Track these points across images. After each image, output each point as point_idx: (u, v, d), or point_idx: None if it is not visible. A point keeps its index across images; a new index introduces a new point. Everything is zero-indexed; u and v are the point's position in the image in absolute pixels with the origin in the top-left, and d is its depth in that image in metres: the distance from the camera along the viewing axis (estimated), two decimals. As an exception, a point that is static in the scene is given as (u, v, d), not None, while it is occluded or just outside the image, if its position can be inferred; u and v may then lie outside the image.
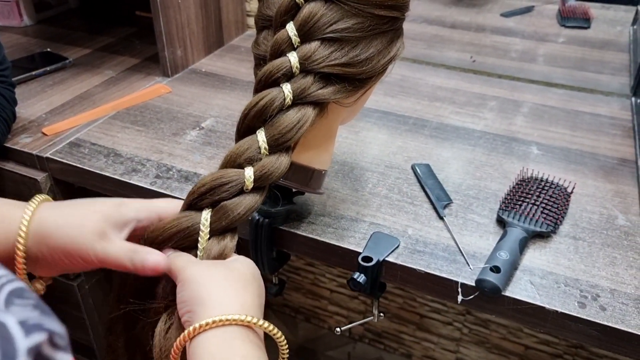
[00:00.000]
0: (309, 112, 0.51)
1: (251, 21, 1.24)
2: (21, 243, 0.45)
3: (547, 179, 0.70)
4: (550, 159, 0.80)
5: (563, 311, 0.55)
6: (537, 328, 0.57)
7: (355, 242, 0.63)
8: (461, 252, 0.61)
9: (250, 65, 1.11)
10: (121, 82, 1.01)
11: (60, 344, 0.24)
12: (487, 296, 0.57)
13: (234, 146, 0.50)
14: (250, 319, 0.41)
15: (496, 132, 0.86)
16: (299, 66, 0.50)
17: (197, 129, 0.86)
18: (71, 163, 0.77)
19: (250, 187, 0.49)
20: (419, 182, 0.73)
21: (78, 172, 0.77)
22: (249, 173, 0.49)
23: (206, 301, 0.42)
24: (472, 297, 0.58)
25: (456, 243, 0.63)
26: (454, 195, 0.71)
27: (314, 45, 0.50)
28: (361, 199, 0.70)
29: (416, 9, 1.27)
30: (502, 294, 0.56)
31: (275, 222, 0.64)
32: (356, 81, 0.53)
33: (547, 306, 0.55)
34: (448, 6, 1.30)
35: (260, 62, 0.55)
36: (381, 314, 0.70)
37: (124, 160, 0.78)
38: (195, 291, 0.43)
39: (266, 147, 0.50)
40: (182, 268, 0.45)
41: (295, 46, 0.50)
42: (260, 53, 0.54)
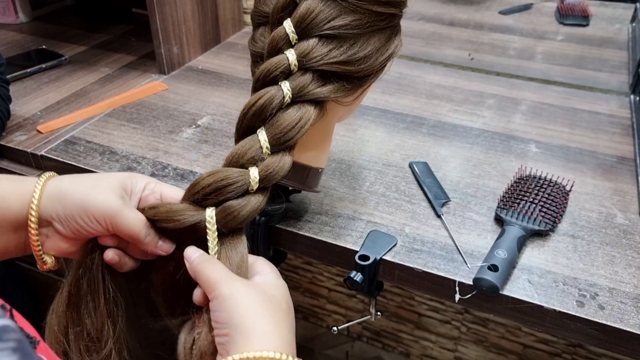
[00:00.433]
0: (310, 111, 0.50)
1: (248, 18, 1.24)
2: (35, 199, 0.46)
3: (545, 177, 0.70)
4: (549, 157, 0.79)
5: (561, 310, 0.54)
6: (536, 327, 0.57)
7: (352, 241, 0.62)
8: (459, 251, 0.61)
9: (246, 62, 1.10)
10: (117, 80, 1.01)
11: None
12: (485, 295, 0.56)
13: (236, 147, 0.50)
14: (286, 357, 0.40)
15: (494, 130, 0.85)
16: (297, 63, 0.49)
17: (194, 126, 0.85)
18: (66, 161, 0.76)
19: (256, 188, 0.48)
20: (417, 180, 0.73)
21: (73, 170, 0.76)
22: (254, 173, 0.48)
23: (248, 331, 0.40)
24: (469, 295, 0.57)
25: (454, 241, 0.62)
26: (452, 194, 0.70)
27: (312, 42, 0.49)
28: (358, 197, 0.69)
29: (414, 6, 1.27)
30: (500, 292, 0.56)
31: (272, 221, 0.64)
32: (355, 79, 0.52)
33: (545, 305, 0.55)
34: (446, 4, 1.29)
35: (257, 59, 0.54)
36: (378, 313, 0.70)
37: (119, 158, 0.77)
38: (235, 315, 0.41)
39: (268, 146, 0.49)
40: (218, 282, 0.43)
41: (293, 43, 0.50)
42: (257, 50, 0.53)
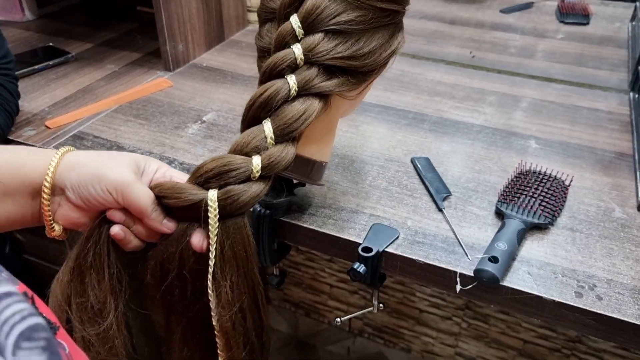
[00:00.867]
0: (315, 104, 0.51)
1: (252, 16, 1.25)
2: (52, 167, 0.48)
3: (545, 171, 0.71)
4: (549, 152, 0.80)
5: (560, 300, 0.55)
6: (535, 317, 0.58)
7: (355, 234, 0.63)
8: (460, 243, 0.62)
9: (251, 60, 1.12)
10: (123, 77, 1.02)
11: None
12: (486, 286, 0.58)
13: (241, 135, 0.51)
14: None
15: (495, 127, 0.87)
16: (303, 58, 0.51)
17: (199, 122, 0.87)
18: (74, 155, 0.78)
19: (257, 176, 0.49)
20: (419, 175, 0.74)
21: (81, 165, 0.77)
22: (256, 161, 0.49)
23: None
24: (470, 286, 0.58)
25: (455, 234, 0.64)
26: (453, 188, 0.71)
27: (318, 37, 0.50)
28: (361, 191, 0.71)
29: (416, 5, 1.27)
30: (500, 283, 0.57)
31: (277, 214, 0.65)
32: (359, 74, 0.54)
33: (544, 296, 0.56)
34: (448, 2, 1.31)
35: (263, 54, 0.55)
36: (381, 305, 0.71)
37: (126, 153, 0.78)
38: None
39: (272, 136, 0.50)
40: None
41: (299, 38, 0.51)
42: (264, 45, 0.55)
